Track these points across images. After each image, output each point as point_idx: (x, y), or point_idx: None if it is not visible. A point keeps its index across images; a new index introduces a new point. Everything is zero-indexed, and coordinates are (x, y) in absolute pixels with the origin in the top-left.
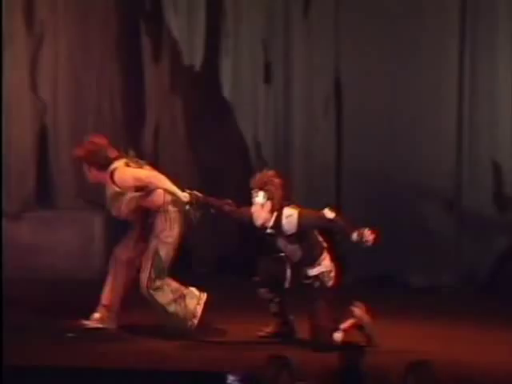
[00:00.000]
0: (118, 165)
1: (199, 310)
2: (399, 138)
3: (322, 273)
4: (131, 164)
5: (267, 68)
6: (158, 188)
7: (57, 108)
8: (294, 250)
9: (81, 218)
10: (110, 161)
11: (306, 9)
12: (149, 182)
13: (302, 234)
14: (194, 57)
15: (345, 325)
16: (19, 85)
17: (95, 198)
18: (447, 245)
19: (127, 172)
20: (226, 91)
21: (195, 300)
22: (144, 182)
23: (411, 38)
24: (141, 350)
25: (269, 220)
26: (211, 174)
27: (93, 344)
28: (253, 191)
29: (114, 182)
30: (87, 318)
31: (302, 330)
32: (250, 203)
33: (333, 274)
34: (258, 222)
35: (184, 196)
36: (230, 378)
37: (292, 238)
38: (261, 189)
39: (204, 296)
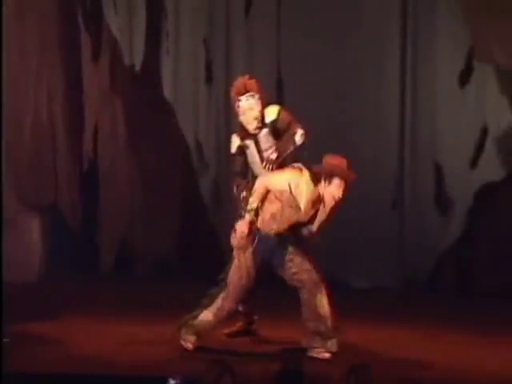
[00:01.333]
0: None
1: None
2: (340, 138)
3: None
4: None
5: (208, 68)
6: None
7: None
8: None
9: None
10: None
11: (246, 8)
12: None
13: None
14: (135, 56)
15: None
16: None
17: (35, 201)
18: (389, 246)
19: None
20: (167, 91)
21: None
22: None
23: (352, 38)
24: (78, 355)
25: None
26: (152, 174)
27: (29, 349)
28: (242, 97)
29: None
30: (26, 322)
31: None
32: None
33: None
34: (252, 121)
35: None
36: (171, 382)
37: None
38: (244, 93)
39: None
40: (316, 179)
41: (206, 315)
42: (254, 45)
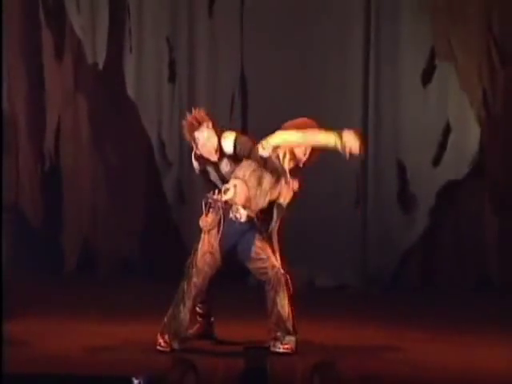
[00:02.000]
0: None
1: None
2: None
3: None
4: None
5: (171, 66)
6: None
7: None
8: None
9: None
10: None
11: (210, 6)
12: None
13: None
14: (98, 55)
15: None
16: None
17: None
18: (352, 243)
19: None
20: (130, 90)
21: None
22: None
23: (315, 35)
24: (41, 355)
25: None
26: (115, 173)
27: None
28: (197, 132)
29: None
30: None
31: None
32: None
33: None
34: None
35: None
36: (135, 382)
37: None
38: (203, 122)
39: None
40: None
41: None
42: (218, 42)
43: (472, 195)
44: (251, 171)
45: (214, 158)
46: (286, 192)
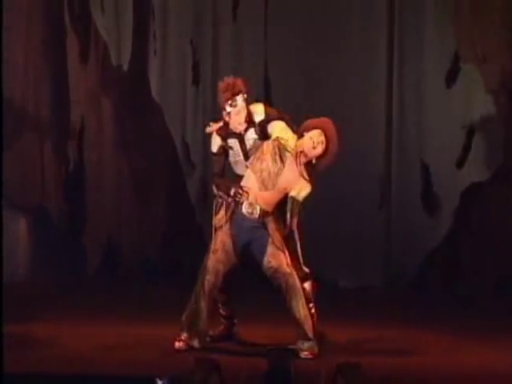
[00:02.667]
0: None
1: None
2: None
3: None
4: None
5: (195, 69)
6: None
7: None
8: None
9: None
10: None
11: (234, 8)
12: None
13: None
14: (122, 57)
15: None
16: None
17: (22, 202)
18: (376, 245)
19: None
20: (154, 92)
21: None
22: None
23: (340, 39)
24: (65, 355)
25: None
26: (139, 175)
27: (16, 349)
28: (228, 101)
29: None
30: (12, 322)
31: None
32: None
33: None
34: (240, 128)
35: None
36: (158, 382)
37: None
38: (236, 94)
39: None
40: None
41: (200, 306)
42: (241, 45)
43: (496, 197)
44: (266, 166)
45: (243, 128)
46: (300, 186)
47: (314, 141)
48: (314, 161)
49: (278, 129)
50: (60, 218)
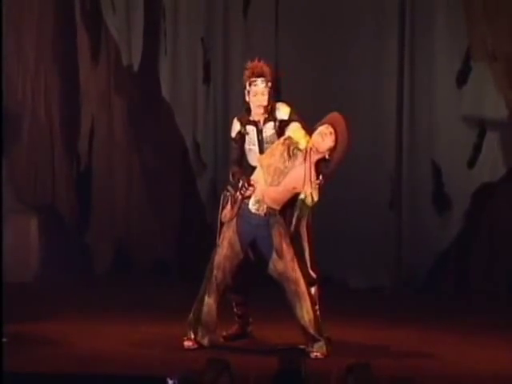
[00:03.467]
0: None
1: None
2: None
3: None
4: None
5: (206, 68)
6: None
7: None
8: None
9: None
10: None
11: (245, 8)
12: None
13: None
14: (133, 57)
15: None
16: None
17: (33, 201)
18: (387, 245)
19: None
20: (165, 91)
21: None
22: None
23: (351, 39)
24: (76, 355)
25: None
26: (149, 174)
27: (26, 349)
28: (251, 79)
29: None
30: (23, 322)
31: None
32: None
33: None
34: (262, 106)
35: None
36: (169, 382)
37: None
38: (257, 76)
39: None
40: None
41: (208, 302)
42: (252, 44)
43: (507, 197)
44: (274, 161)
45: (260, 111)
46: (311, 191)
47: (321, 133)
48: (327, 156)
49: (292, 128)
50: (71, 217)
